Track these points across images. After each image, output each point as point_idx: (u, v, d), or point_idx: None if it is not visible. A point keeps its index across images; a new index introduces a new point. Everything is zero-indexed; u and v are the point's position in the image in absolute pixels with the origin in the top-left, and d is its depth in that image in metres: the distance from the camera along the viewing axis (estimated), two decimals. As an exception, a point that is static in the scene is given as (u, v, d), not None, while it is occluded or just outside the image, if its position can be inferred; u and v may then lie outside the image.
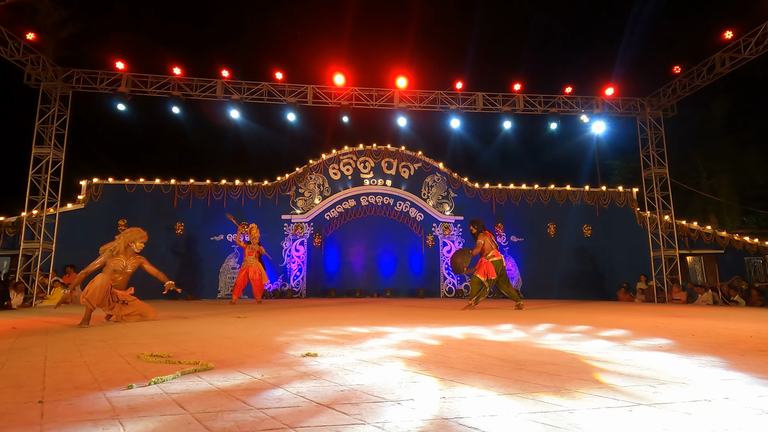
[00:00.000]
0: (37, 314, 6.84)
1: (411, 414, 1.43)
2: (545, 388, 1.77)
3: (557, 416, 1.39)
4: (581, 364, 2.31)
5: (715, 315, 6.37)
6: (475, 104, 12.06)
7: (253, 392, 1.72)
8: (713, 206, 17.17)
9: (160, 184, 12.91)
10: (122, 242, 5.37)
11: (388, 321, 4.96)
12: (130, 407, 1.51)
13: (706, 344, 3.07)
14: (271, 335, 3.63)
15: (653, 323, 4.78)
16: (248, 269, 9.48)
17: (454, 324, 4.58)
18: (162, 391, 1.73)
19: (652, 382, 1.87)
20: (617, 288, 12.81)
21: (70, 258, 11.25)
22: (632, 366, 2.26)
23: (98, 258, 5.23)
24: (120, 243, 5.36)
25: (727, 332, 3.88)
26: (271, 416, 1.40)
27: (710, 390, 1.74)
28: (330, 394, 1.69)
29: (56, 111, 10.59)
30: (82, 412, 1.45)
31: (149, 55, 13.67)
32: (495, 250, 7.48)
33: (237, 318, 5.54)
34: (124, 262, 5.36)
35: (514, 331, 4.00)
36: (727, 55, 10.02)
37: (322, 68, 11.99)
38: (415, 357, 2.56)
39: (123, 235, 5.48)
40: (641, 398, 1.61)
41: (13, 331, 4.21)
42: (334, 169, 13.72)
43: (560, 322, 4.81)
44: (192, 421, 1.35)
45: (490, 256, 7.40)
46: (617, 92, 12.25)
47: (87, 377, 2.01)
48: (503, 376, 1.99)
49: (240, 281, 9.53)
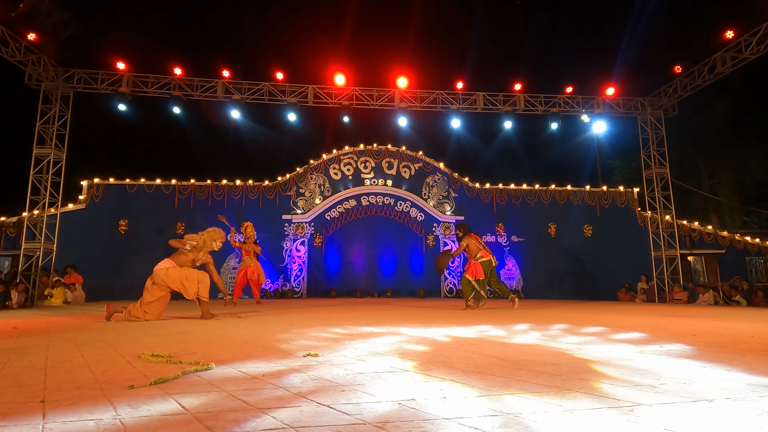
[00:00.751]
0: (38, 314, 6.84)
1: (412, 414, 1.43)
2: (546, 388, 1.76)
3: (558, 416, 1.39)
4: (582, 364, 2.31)
5: (717, 315, 6.36)
6: (475, 104, 12.06)
7: (254, 392, 1.72)
8: (714, 206, 17.15)
9: (161, 184, 12.92)
10: (208, 239, 5.54)
11: (389, 321, 4.96)
12: (131, 407, 1.51)
13: (708, 344, 3.06)
14: (271, 335, 3.63)
15: (655, 323, 4.78)
16: (247, 269, 9.41)
17: (454, 324, 4.58)
18: (163, 391, 1.73)
19: (653, 382, 1.87)
20: (618, 288, 12.80)
21: (71, 258, 11.28)
22: (633, 366, 2.26)
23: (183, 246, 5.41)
24: (206, 239, 5.53)
25: (729, 332, 3.87)
26: (272, 416, 1.40)
27: (711, 390, 1.74)
28: (330, 394, 1.69)
29: (57, 111, 10.61)
30: (84, 412, 1.45)
31: (150, 55, 13.69)
32: (483, 251, 7.66)
33: (238, 318, 5.54)
34: (198, 258, 5.50)
35: (522, 329, 4.00)
36: (728, 54, 10.01)
37: (322, 68, 12.01)
38: (415, 357, 2.55)
39: (207, 232, 5.65)
40: (642, 398, 1.61)
41: (15, 331, 4.21)
42: (334, 169, 13.73)
43: (571, 323, 4.81)
44: (193, 421, 1.35)
45: (479, 257, 7.59)
46: (618, 92, 12.24)
47: (88, 377, 2.01)
48: (504, 376, 1.99)
49: (240, 281, 9.52)
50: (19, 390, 1.77)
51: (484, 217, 13.89)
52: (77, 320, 4.93)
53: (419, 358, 2.53)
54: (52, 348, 2.95)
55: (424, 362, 2.37)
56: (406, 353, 2.70)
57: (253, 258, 9.44)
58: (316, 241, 13.23)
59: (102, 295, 11.54)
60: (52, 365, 2.31)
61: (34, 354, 2.71)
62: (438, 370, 2.16)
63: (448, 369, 2.17)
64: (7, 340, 3.43)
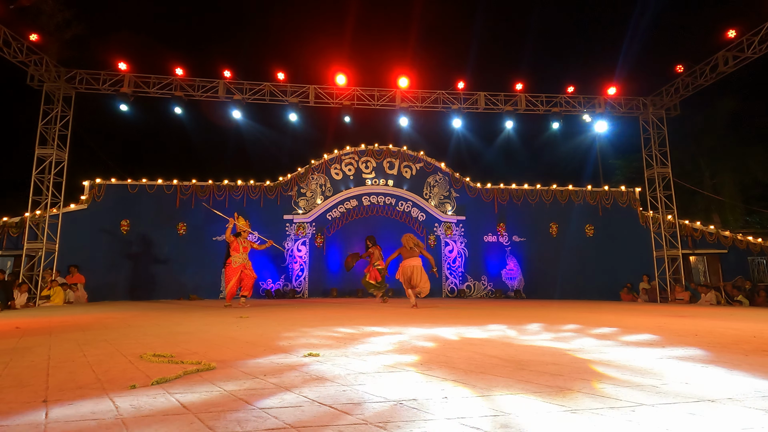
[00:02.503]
0: (40, 314, 6.86)
1: (413, 414, 1.43)
2: (547, 388, 1.76)
3: (559, 416, 1.39)
4: (583, 365, 2.31)
5: (719, 315, 6.35)
6: (476, 104, 12.05)
7: (256, 392, 1.72)
8: (716, 206, 17.10)
9: (163, 184, 12.93)
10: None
11: (390, 321, 4.96)
12: (132, 407, 1.51)
13: (710, 344, 3.06)
14: (273, 335, 3.63)
15: (655, 323, 4.77)
16: (243, 266, 8.48)
17: (454, 324, 4.58)
18: (164, 391, 1.73)
19: (654, 383, 1.87)
20: (620, 288, 12.78)
21: (73, 258, 11.30)
22: (634, 366, 2.26)
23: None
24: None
25: (731, 332, 3.86)
26: (273, 416, 1.40)
27: (713, 390, 1.74)
28: (332, 394, 1.69)
29: (59, 112, 10.63)
30: (85, 412, 1.46)
31: (151, 55, 13.71)
32: (381, 261, 9.84)
33: (239, 318, 5.55)
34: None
35: (509, 330, 4.00)
36: (730, 54, 9.98)
37: (323, 68, 12.02)
38: (416, 357, 2.55)
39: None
40: (643, 398, 1.61)
41: (17, 331, 4.22)
42: (336, 169, 13.73)
43: (584, 323, 4.80)
44: (195, 421, 1.35)
45: (376, 264, 9.83)
46: (619, 92, 12.22)
47: (90, 377, 2.01)
48: (505, 376, 1.99)
49: (236, 282, 8.49)
50: (22, 389, 1.78)
51: (485, 217, 13.88)
52: (79, 320, 4.95)
53: (420, 357, 2.53)
54: (54, 348, 2.96)
55: (425, 362, 2.37)
56: (407, 353, 2.70)
57: (244, 254, 8.53)
58: (317, 241, 13.23)
59: (104, 295, 11.56)
60: (54, 365, 2.32)
61: (36, 354, 2.71)
62: (439, 369, 2.15)
63: (449, 369, 2.17)
64: (9, 340, 3.44)
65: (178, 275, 12.54)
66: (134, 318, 5.58)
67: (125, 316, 5.97)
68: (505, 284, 13.59)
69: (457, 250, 13.59)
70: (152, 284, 12.29)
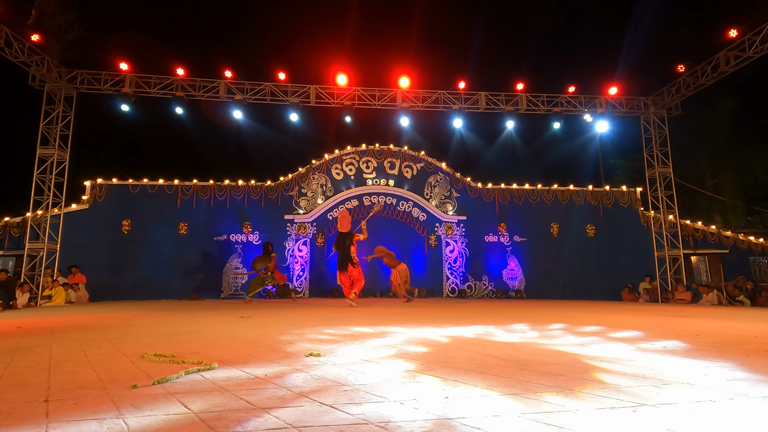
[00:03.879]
0: (41, 314, 6.87)
1: (414, 414, 1.43)
2: (549, 388, 1.76)
3: (560, 416, 1.39)
4: (584, 365, 2.30)
5: (720, 315, 6.34)
6: (477, 104, 12.05)
7: (257, 392, 1.72)
8: (718, 205, 17.06)
9: (164, 184, 12.95)
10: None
11: (391, 321, 4.96)
12: (134, 407, 1.52)
13: (711, 344, 3.05)
14: (274, 335, 3.63)
15: (657, 323, 4.77)
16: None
17: (456, 324, 4.57)
18: (166, 391, 1.74)
19: (655, 383, 1.87)
20: (621, 288, 12.76)
21: (75, 258, 11.31)
22: (635, 366, 2.25)
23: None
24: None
25: (732, 332, 3.86)
26: (275, 416, 1.40)
27: (715, 390, 1.73)
28: (333, 394, 1.69)
29: (60, 112, 10.65)
30: (87, 412, 1.46)
31: (153, 56, 13.69)
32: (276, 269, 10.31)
33: (240, 318, 5.55)
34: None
35: (529, 331, 4.00)
36: (732, 53, 9.97)
37: (324, 68, 12.03)
38: (417, 357, 2.55)
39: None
40: (645, 398, 1.61)
41: (18, 330, 4.23)
42: (336, 169, 13.73)
43: (572, 323, 4.80)
44: (195, 421, 1.36)
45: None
46: (621, 91, 12.21)
47: (91, 377, 2.02)
48: (506, 376, 1.99)
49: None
50: (23, 389, 1.78)
51: (486, 217, 13.88)
52: (81, 320, 4.95)
53: (421, 358, 2.53)
54: (56, 347, 2.96)
55: (426, 362, 2.37)
56: (408, 353, 2.70)
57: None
58: (318, 241, 13.23)
59: (105, 295, 11.58)
60: (56, 365, 2.32)
61: (37, 353, 2.72)
62: (440, 370, 2.15)
63: (450, 369, 2.17)
64: (11, 340, 3.44)
65: (179, 275, 12.56)
66: (135, 318, 5.59)
67: (126, 315, 5.97)
68: (506, 284, 13.58)
69: (458, 250, 13.59)
70: (153, 284, 12.31)
